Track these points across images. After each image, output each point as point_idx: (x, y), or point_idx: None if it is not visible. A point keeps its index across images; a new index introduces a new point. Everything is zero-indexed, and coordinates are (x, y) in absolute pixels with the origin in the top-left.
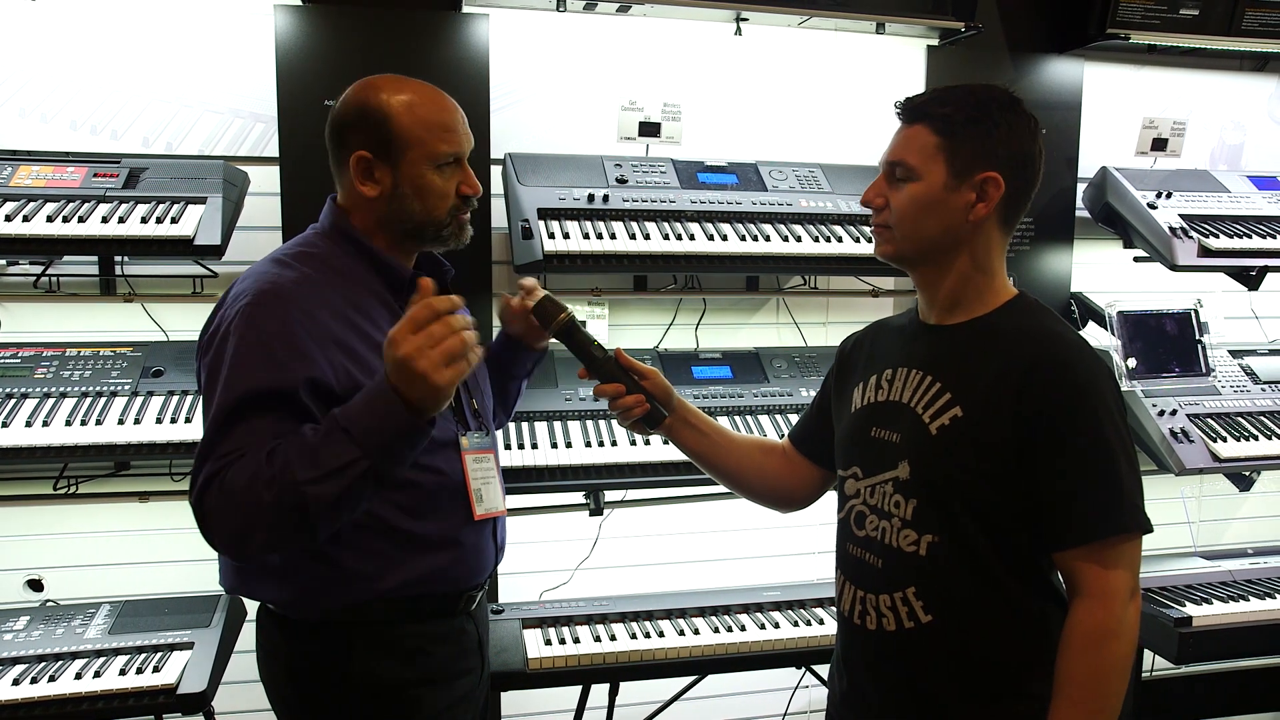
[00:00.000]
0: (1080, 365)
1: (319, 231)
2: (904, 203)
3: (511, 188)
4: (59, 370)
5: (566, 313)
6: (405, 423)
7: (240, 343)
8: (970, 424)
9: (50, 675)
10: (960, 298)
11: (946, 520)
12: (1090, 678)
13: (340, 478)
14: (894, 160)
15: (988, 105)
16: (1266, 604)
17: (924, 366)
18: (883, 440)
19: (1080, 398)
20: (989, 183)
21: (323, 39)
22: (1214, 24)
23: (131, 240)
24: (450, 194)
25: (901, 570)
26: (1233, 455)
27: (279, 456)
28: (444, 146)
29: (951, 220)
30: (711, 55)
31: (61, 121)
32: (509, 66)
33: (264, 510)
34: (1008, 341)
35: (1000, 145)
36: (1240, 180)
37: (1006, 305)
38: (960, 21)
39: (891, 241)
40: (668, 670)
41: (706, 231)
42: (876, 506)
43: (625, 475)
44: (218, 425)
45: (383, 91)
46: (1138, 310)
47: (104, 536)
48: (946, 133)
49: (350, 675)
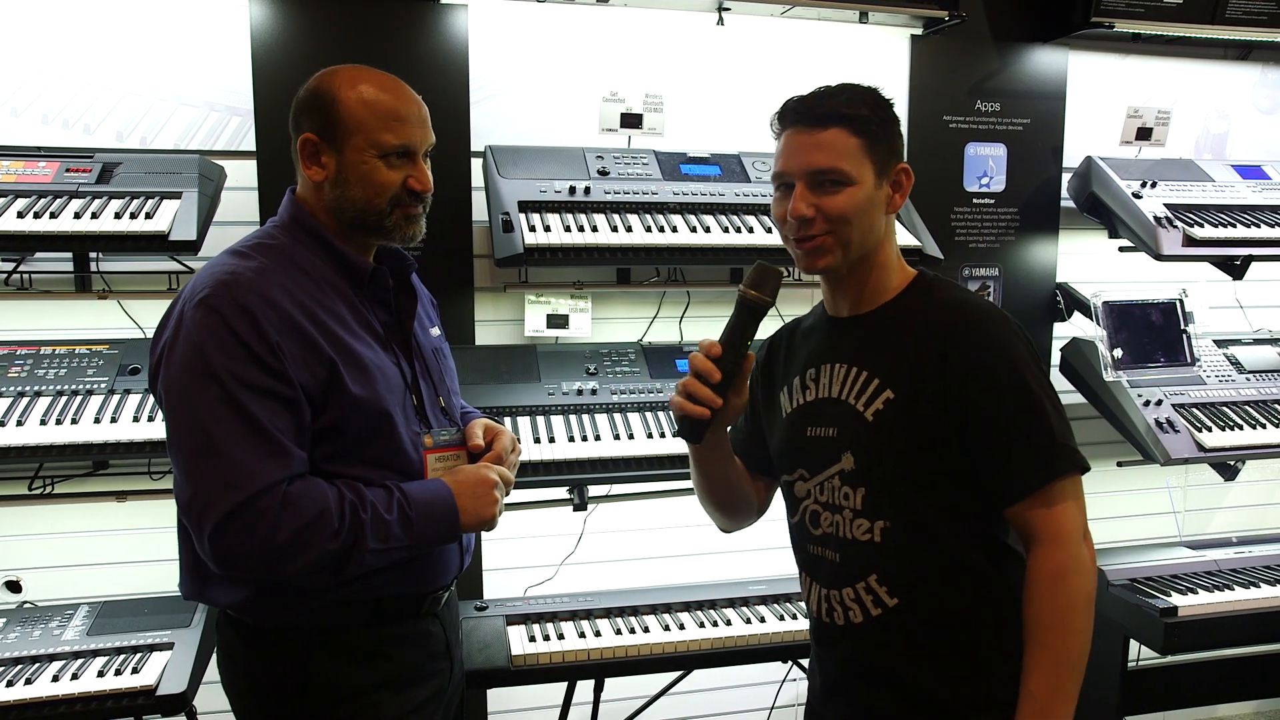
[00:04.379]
0: (992, 326)
1: (277, 224)
2: (844, 209)
3: (492, 180)
4: (33, 369)
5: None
6: (452, 537)
7: (210, 335)
8: (903, 404)
9: (27, 678)
10: (871, 288)
11: (896, 502)
12: (1056, 618)
13: (389, 555)
14: (821, 168)
15: (882, 101)
16: (1251, 593)
17: (847, 359)
18: (821, 438)
19: (998, 355)
20: (903, 174)
21: (299, 31)
22: (1198, 12)
23: (105, 236)
24: (393, 186)
25: (860, 560)
26: (1218, 445)
27: (349, 514)
28: (389, 136)
29: (879, 217)
30: (693, 46)
31: (33, 115)
32: (489, 58)
33: (320, 549)
34: (922, 319)
35: (898, 138)
36: (1225, 169)
37: (911, 285)
38: (944, 10)
39: (829, 251)
40: (653, 666)
41: (689, 223)
42: (827, 503)
43: (609, 470)
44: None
45: (338, 77)
46: (1123, 300)
47: (82, 537)
48: (865, 133)
49: (308, 680)
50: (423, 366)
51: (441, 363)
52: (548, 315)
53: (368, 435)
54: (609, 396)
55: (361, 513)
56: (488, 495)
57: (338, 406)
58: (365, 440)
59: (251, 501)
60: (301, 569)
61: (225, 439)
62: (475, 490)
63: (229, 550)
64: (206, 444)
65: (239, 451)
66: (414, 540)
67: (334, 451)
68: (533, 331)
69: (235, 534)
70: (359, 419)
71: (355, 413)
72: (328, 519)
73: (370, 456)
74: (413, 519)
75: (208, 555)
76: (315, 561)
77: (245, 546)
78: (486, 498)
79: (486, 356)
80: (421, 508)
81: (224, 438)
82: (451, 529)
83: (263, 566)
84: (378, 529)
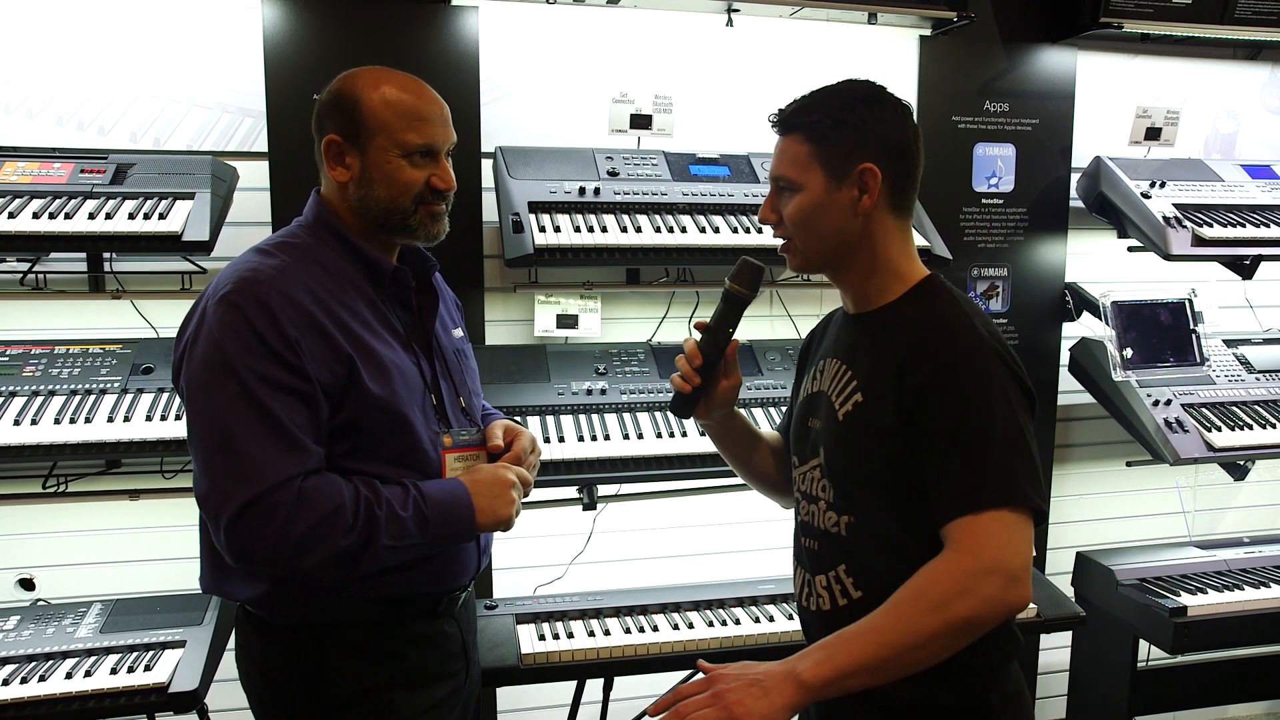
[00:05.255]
0: (959, 344)
1: (302, 223)
2: (793, 214)
3: (502, 181)
4: (47, 368)
5: (753, 294)
6: (467, 535)
7: (230, 331)
8: (867, 408)
9: (41, 675)
10: (869, 289)
11: (857, 502)
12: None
13: (404, 552)
14: (775, 175)
15: (852, 103)
16: (1261, 593)
17: (841, 356)
18: (812, 429)
19: (953, 375)
20: (866, 174)
21: (312, 33)
22: (1207, 12)
23: (119, 236)
24: (417, 185)
25: (832, 550)
26: (1227, 445)
27: (363, 510)
28: (412, 135)
29: (841, 219)
30: (703, 47)
31: (48, 117)
32: (499, 59)
33: (334, 544)
34: (902, 326)
35: (870, 137)
36: (1234, 169)
37: (911, 291)
38: (953, 11)
39: (796, 254)
40: (662, 665)
41: (699, 224)
42: (807, 492)
43: (618, 469)
44: (242, 416)
45: (360, 78)
46: (1132, 300)
47: (95, 535)
48: (817, 138)
49: (323, 678)
50: (443, 367)
51: (463, 363)
52: (557, 315)
53: (385, 433)
54: (618, 396)
55: (376, 509)
56: (505, 495)
57: (355, 403)
58: (383, 438)
59: (267, 495)
60: (316, 563)
61: (243, 433)
62: (492, 490)
63: (244, 543)
64: (224, 438)
65: (256, 446)
66: (429, 538)
67: (352, 448)
68: (542, 331)
69: (250, 527)
70: (377, 416)
71: (373, 410)
72: (342, 514)
73: (388, 454)
74: (428, 517)
75: (224, 548)
76: (329, 556)
77: (260, 540)
78: (503, 498)
79: (496, 356)
80: (437, 506)
81: (242, 432)
82: (468, 528)
83: (277, 560)
84: (392, 526)
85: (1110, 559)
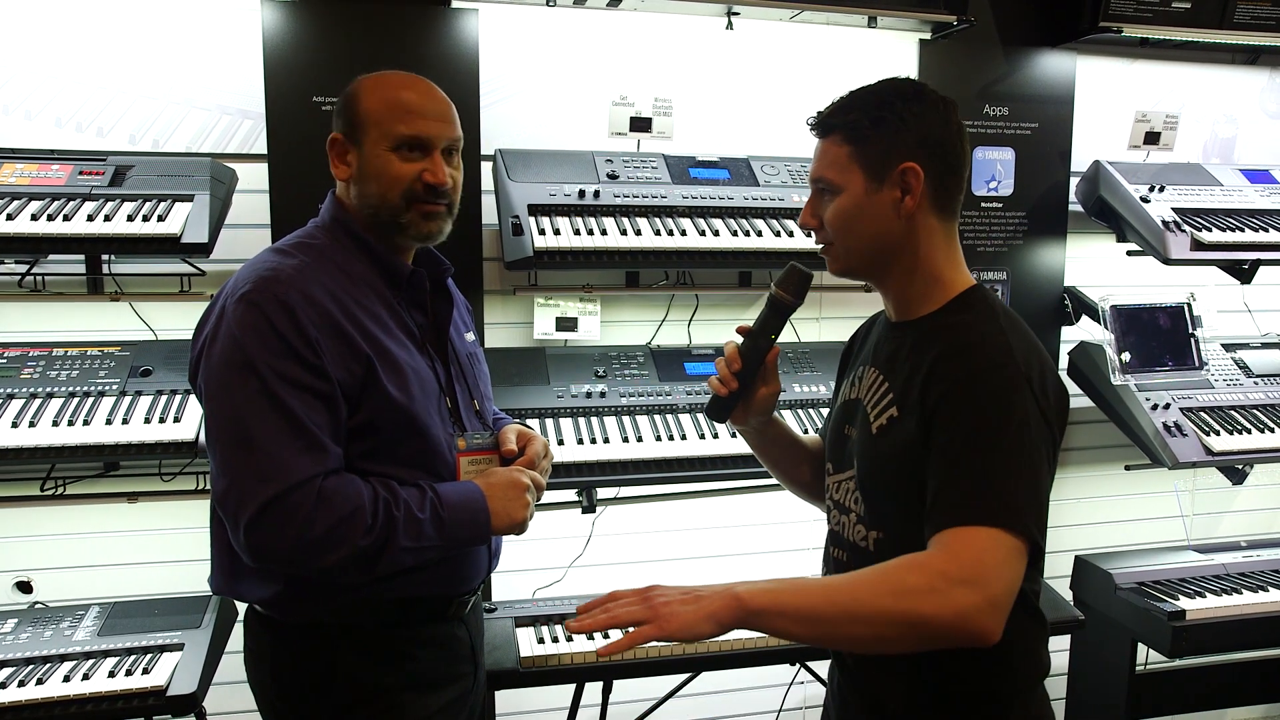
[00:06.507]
0: (982, 360)
1: (318, 224)
2: (834, 217)
3: (502, 184)
4: (46, 370)
5: (799, 301)
6: (482, 538)
7: (250, 330)
8: (900, 423)
9: (38, 678)
10: (911, 295)
11: (887, 518)
12: (878, 579)
13: (421, 553)
14: (814, 178)
15: (890, 101)
16: (1260, 597)
17: (879, 365)
18: (849, 437)
19: (970, 390)
20: (908, 173)
21: (311, 35)
22: (1206, 17)
23: (118, 238)
24: (405, 179)
25: (860, 564)
26: (1226, 449)
27: (382, 511)
28: (401, 127)
29: (883, 222)
30: (703, 50)
31: (46, 119)
32: (499, 62)
33: (353, 545)
34: (938, 340)
35: (911, 136)
36: (1233, 174)
37: (953, 302)
38: (952, 15)
39: (837, 258)
40: (661, 668)
41: (698, 227)
42: (840, 502)
43: (618, 472)
44: (262, 415)
45: (367, 80)
46: (1131, 304)
47: (93, 537)
48: (855, 139)
49: (333, 678)
50: (457, 370)
51: (475, 368)
52: (557, 318)
53: (402, 435)
54: (618, 399)
55: (395, 510)
56: (519, 498)
57: (373, 405)
58: (400, 440)
59: (286, 495)
60: (334, 564)
61: (262, 432)
62: (507, 493)
63: (263, 543)
64: (244, 437)
65: (276, 445)
66: (445, 540)
67: (369, 449)
68: (542, 334)
69: (270, 527)
70: (393, 418)
71: (390, 412)
72: (361, 515)
73: (404, 456)
74: (445, 519)
75: (242, 548)
76: (348, 557)
77: (279, 540)
78: (518, 501)
79: (496, 359)
80: (453, 508)
81: (261, 431)
82: (483, 530)
83: (296, 560)
84: (410, 527)
85: (1109, 562)
